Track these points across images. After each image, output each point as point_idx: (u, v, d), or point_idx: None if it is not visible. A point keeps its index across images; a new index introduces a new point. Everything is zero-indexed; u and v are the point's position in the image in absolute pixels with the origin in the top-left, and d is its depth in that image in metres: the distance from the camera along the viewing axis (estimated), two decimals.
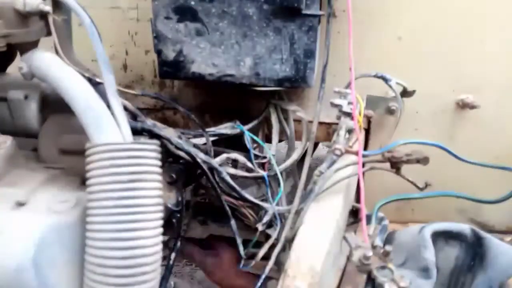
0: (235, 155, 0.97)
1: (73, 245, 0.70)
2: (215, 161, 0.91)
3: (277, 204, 0.98)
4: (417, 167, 0.87)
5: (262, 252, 0.91)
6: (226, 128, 1.04)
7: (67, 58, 0.79)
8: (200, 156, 0.86)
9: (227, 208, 0.92)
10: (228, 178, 0.90)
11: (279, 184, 1.01)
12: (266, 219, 0.93)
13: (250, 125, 1.07)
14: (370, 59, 1.10)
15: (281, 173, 1.02)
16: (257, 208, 1.00)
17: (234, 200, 0.97)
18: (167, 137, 0.82)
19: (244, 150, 1.04)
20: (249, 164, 0.99)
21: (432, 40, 1.10)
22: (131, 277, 0.65)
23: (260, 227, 0.92)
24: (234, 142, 1.07)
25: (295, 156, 1.05)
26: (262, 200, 0.99)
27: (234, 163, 0.99)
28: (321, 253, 0.72)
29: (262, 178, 1.00)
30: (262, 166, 1.05)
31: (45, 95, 0.85)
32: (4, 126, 0.84)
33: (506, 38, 1.09)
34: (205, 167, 0.86)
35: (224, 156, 0.95)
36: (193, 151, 0.86)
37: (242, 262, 0.98)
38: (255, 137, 1.06)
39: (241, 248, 0.96)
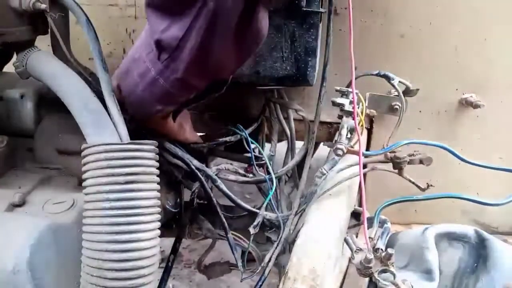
0: (229, 165, 0.97)
1: (69, 247, 0.69)
2: (212, 169, 0.91)
3: (277, 208, 0.97)
4: (420, 168, 0.86)
5: (267, 256, 0.90)
6: (227, 136, 1.02)
7: (64, 56, 0.78)
8: (194, 164, 0.85)
9: (224, 220, 0.92)
10: (223, 186, 0.89)
11: (276, 188, 0.99)
12: (256, 221, 0.92)
13: (250, 129, 1.06)
14: (372, 57, 1.08)
15: (282, 175, 1.01)
16: None
17: None
18: (161, 142, 0.81)
19: (245, 151, 1.03)
20: (242, 171, 0.98)
21: (435, 38, 1.08)
22: (128, 280, 0.64)
23: (251, 230, 0.91)
24: (234, 144, 1.05)
25: (297, 157, 1.04)
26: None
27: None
28: (322, 256, 0.71)
29: (263, 181, 0.99)
30: (262, 167, 1.04)
31: (41, 94, 0.84)
32: None
33: (510, 36, 1.07)
34: (200, 175, 0.86)
35: (222, 166, 0.94)
36: (187, 157, 0.84)
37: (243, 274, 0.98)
38: (255, 143, 1.05)
39: (239, 262, 0.95)
